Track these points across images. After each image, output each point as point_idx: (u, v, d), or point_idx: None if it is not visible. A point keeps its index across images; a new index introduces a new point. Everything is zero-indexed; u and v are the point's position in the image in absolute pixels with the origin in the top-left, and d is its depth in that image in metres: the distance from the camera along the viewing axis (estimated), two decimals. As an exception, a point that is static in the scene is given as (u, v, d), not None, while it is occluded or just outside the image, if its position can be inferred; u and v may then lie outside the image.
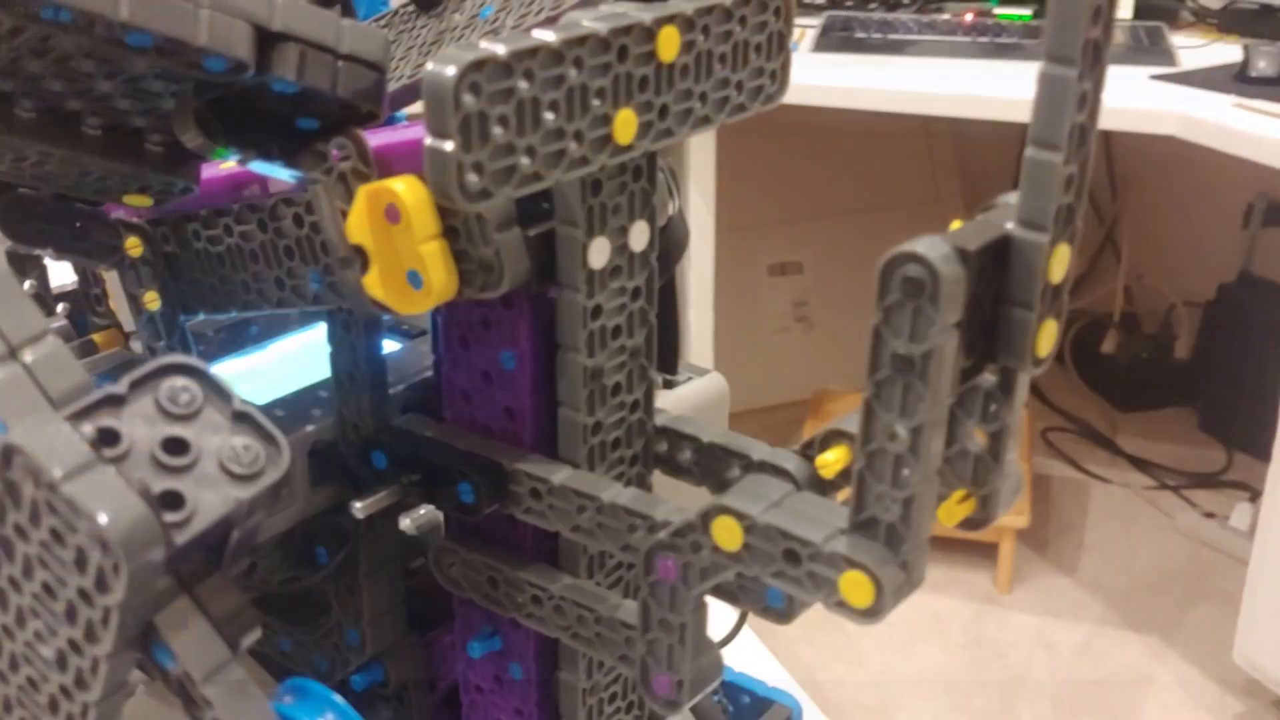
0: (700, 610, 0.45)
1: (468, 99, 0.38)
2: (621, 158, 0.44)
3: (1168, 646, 2.38)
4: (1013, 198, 0.39)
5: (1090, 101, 0.38)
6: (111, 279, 0.61)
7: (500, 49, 0.39)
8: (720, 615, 0.52)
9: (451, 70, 0.38)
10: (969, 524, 0.45)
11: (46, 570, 0.37)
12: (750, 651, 0.86)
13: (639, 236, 0.48)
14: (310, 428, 0.55)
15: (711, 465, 0.52)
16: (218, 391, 0.39)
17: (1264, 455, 1.96)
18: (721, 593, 0.45)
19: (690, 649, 0.45)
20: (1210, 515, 2.71)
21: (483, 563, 0.52)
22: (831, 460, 0.45)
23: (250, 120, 0.47)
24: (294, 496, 0.54)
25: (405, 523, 0.62)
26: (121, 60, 0.45)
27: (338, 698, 0.42)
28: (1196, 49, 2.17)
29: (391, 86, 0.52)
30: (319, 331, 0.68)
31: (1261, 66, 1.95)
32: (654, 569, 0.44)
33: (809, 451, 0.47)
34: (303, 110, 0.46)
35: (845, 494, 0.42)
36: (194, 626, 0.39)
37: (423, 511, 0.66)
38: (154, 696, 0.56)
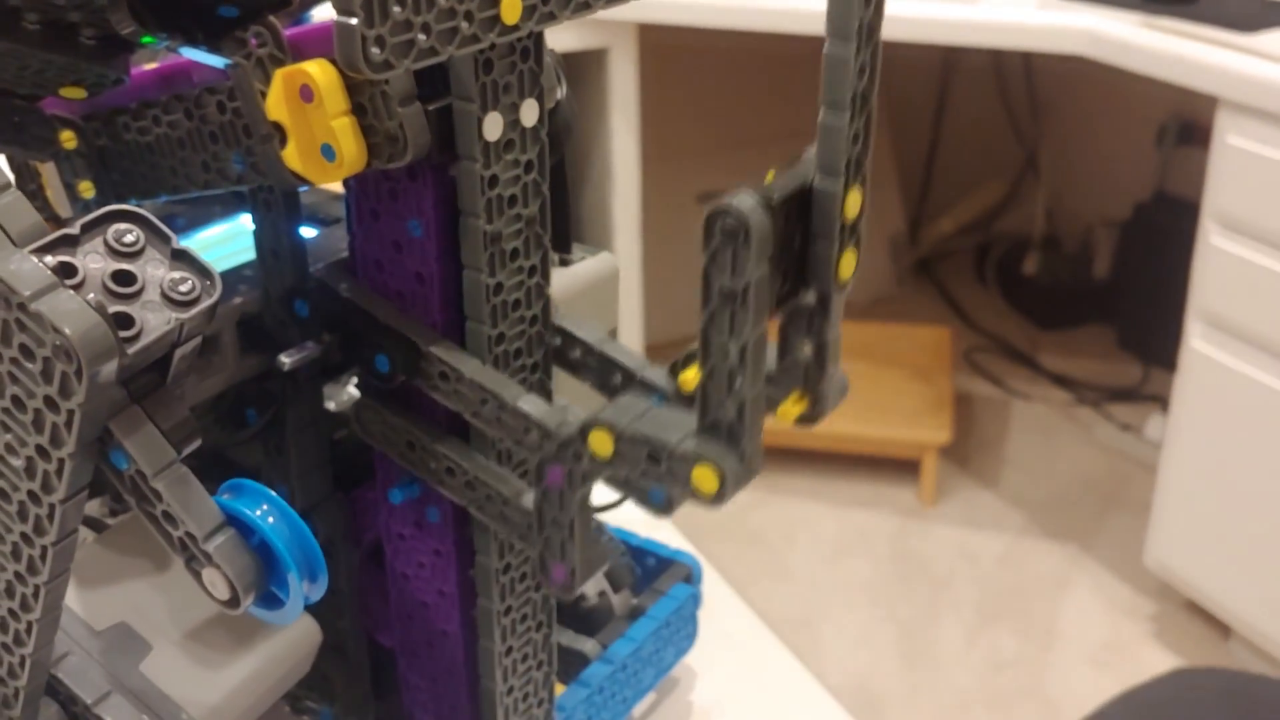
0: (585, 508, 0.53)
1: (369, -22, 0.43)
2: (509, 37, 0.48)
3: (1085, 553, 2.45)
4: (814, 149, 0.47)
5: (869, 72, 0.46)
6: (48, 171, 0.65)
7: (397, -65, 0.44)
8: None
9: (354, -47, 0.43)
10: (803, 420, 0.53)
11: (16, 385, 0.42)
12: (668, 535, 0.91)
13: (529, 113, 0.53)
14: (238, 300, 0.59)
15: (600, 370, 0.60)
16: (158, 234, 0.44)
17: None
18: (613, 482, 0.52)
19: (579, 542, 0.53)
20: (1127, 428, 2.79)
21: (402, 426, 0.57)
22: (690, 377, 0.52)
23: (176, 8, 0.51)
24: (224, 363, 0.59)
25: (330, 404, 0.67)
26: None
27: (273, 494, 0.47)
28: (1105, -29, 2.21)
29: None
30: (240, 221, 0.73)
31: (1166, -13, 1.99)
32: (544, 477, 0.52)
33: (676, 369, 0.54)
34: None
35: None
36: (144, 431, 0.44)
37: (346, 396, 0.71)
38: (106, 547, 0.61)
